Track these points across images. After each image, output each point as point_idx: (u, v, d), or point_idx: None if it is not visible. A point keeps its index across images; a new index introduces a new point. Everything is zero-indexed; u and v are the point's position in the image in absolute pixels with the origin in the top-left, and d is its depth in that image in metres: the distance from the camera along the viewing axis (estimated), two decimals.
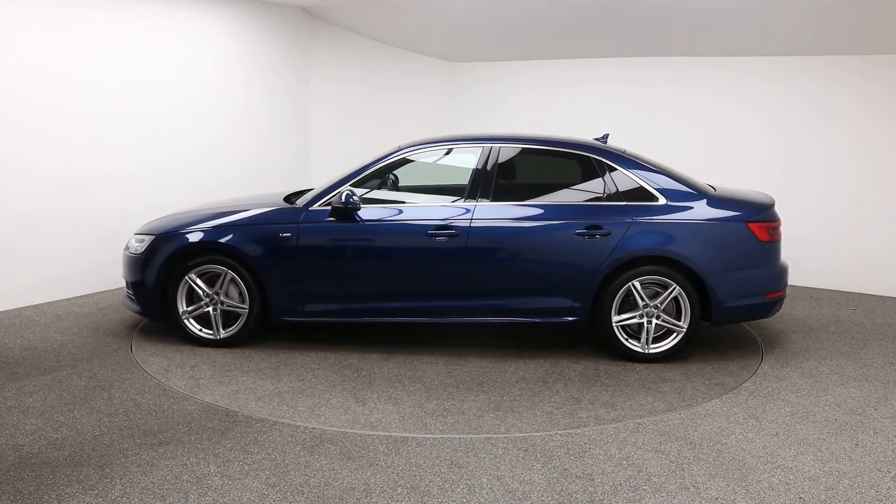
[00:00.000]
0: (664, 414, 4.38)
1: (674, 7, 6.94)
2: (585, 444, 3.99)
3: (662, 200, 5.24)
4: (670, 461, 3.79)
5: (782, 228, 5.45)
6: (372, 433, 4.07)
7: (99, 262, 6.95)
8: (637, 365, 5.20)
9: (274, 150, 8.57)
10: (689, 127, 7.94)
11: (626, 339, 5.24)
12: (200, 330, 5.49)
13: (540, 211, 5.31)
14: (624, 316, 5.22)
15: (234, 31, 7.92)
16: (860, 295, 7.25)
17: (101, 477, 3.57)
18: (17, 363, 5.11)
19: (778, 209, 5.47)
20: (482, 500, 3.42)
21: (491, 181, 5.35)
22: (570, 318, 5.28)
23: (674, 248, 5.14)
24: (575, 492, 3.49)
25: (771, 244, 5.28)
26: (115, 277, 7.06)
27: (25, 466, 3.67)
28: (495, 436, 4.07)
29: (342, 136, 9.04)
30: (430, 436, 4.07)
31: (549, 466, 3.73)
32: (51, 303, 6.58)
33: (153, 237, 5.53)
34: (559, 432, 4.11)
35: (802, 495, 3.47)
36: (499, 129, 7.92)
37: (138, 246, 5.58)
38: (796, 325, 6.21)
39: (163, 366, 5.15)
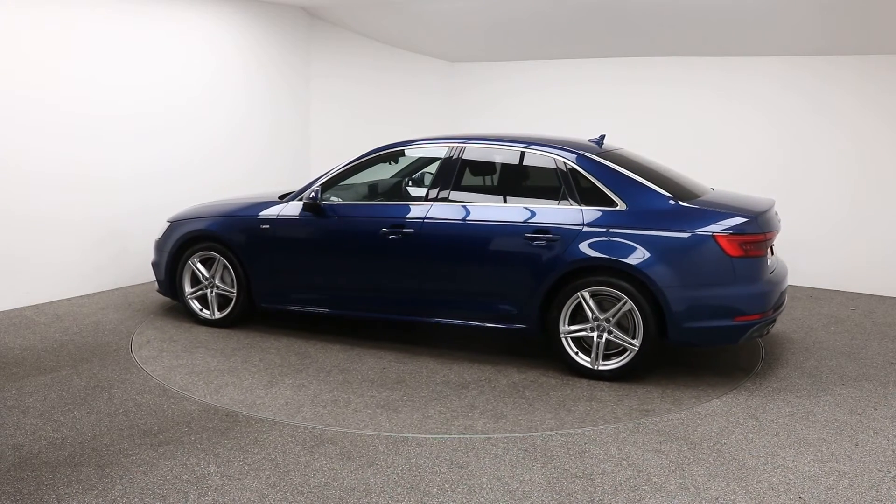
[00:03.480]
0: (663, 414, 4.38)
1: (674, 7, 6.94)
2: (585, 444, 3.99)
3: (622, 206, 4.81)
4: (670, 461, 3.79)
5: (775, 239, 4.93)
6: (285, 423, 4.09)
7: (99, 263, 6.95)
8: (580, 381, 4.84)
9: (275, 150, 8.57)
10: (688, 127, 7.94)
11: (576, 353, 4.88)
12: (201, 310, 6.02)
13: (491, 212, 5.13)
14: (573, 328, 4.87)
15: (235, 32, 7.91)
16: (860, 295, 7.25)
17: (101, 477, 3.58)
18: (17, 363, 5.11)
19: (776, 215, 5.07)
20: (482, 500, 3.42)
21: (450, 181, 5.33)
22: (516, 326, 5.03)
23: (624, 259, 4.68)
24: (575, 492, 3.49)
25: (743, 260, 4.65)
26: (115, 277, 7.09)
27: (25, 466, 3.67)
28: (495, 436, 4.07)
29: (342, 135, 9.04)
30: (431, 436, 4.07)
31: (549, 466, 3.73)
32: (51, 303, 6.58)
33: (169, 224, 6.15)
34: (559, 432, 4.11)
35: (802, 495, 3.47)
36: (499, 129, 7.93)
37: (160, 232, 6.19)
38: (796, 325, 6.21)
39: (148, 337, 5.69)
